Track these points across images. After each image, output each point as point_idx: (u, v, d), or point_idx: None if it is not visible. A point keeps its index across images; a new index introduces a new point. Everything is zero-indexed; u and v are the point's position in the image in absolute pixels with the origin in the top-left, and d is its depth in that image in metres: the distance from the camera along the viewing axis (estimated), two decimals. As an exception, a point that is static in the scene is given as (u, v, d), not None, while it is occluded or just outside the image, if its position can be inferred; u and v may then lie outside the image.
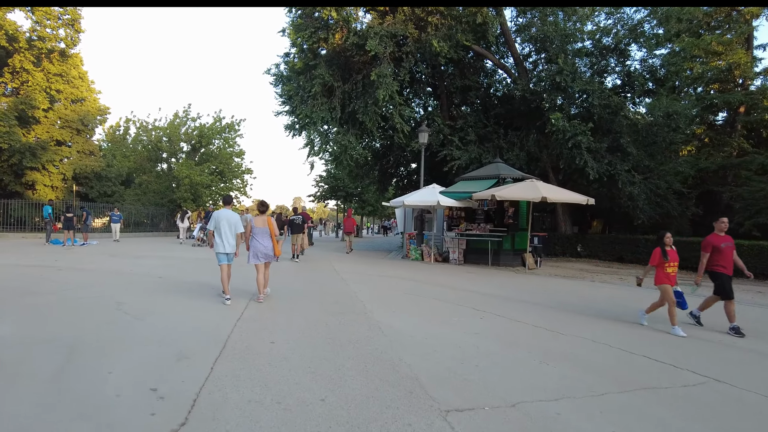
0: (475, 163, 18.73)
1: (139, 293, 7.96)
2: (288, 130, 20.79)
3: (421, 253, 16.31)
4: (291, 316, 6.51)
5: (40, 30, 25.35)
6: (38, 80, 25.88)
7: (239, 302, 7.40)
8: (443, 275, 12.17)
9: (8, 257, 13.25)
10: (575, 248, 19.85)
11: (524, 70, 20.16)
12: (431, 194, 14.84)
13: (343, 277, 10.87)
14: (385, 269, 13.30)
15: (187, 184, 32.07)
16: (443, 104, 21.47)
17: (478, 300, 8.46)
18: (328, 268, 13.08)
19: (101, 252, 15.50)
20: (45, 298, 7.27)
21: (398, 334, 5.68)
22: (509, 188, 12.95)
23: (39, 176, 27.54)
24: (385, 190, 27.05)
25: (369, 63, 18.15)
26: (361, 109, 17.31)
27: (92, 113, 30.77)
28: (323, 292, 8.69)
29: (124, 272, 10.64)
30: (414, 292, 9.10)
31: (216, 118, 36.89)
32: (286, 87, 18.44)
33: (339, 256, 18.01)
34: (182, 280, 9.76)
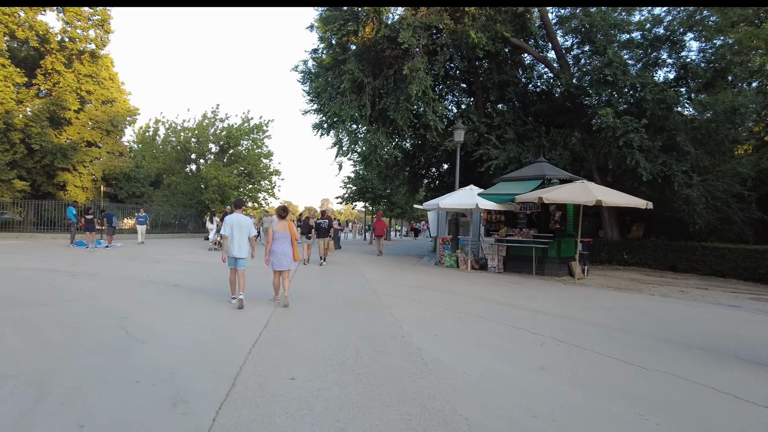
0: (514, 163, 17.51)
1: (148, 305, 7.14)
2: (316, 129, 19.96)
3: (457, 260, 15.19)
4: (315, 339, 5.54)
5: (70, 31, 25.33)
6: (69, 81, 25.88)
7: (258, 318, 6.48)
8: (484, 286, 11.03)
9: (26, 259, 12.80)
10: (622, 255, 18.36)
11: (566, 64, 18.78)
12: (468, 196, 13.71)
13: (374, 288, 9.87)
14: (418, 278, 12.24)
15: (215, 186, 31.78)
16: (478, 101, 20.28)
17: (531, 319, 7.32)
18: (357, 276, 12.11)
19: (122, 255, 14.97)
20: (40, 310, 6.52)
21: (446, 369, 4.62)
22: (558, 190, 11.72)
23: (70, 177, 27.59)
24: (416, 191, 25.95)
25: (401, 57, 17.16)
26: (392, 106, 16.32)
27: (122, 114, 30.76)
28: (352, 307, 7.70)
29: (138, 279, 9.92)
30: (454, 307, 8.01)
31: (244, 119, 36.61)
32: (314, 84, 17.58)
33: (368, 261, 17.05)
34: (198, 288, 8.94)
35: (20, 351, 4.68)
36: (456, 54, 16.39)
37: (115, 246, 18.19)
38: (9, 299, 7.27)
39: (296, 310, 7.24)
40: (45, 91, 27.05)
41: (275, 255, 7.60)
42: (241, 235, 7.61)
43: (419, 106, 17.64)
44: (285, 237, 7.68)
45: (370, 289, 9.69)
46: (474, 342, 5.81)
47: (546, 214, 13.76)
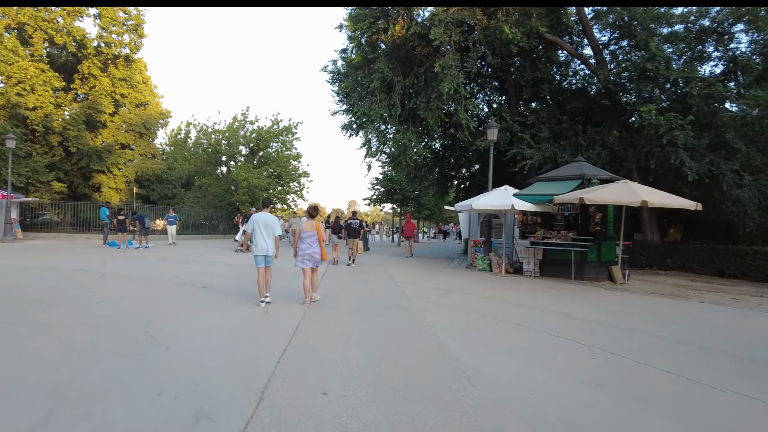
0: (549, 162, 16.87)
1: (175, 308, 6.95)
2: (345, 130, 19.76)
3: (490, 263, 14.66)
4: (348, 347, 5.21)
5: (106, 36, 25.92)
6: (104, 85, 26.45)
7: (288, 323, 6.19)
8: (521, 292, 10.51)
9: (61, 260, 12.93)
10: (663, 259, 17.45)
11: (603, 60, 18.00)
12: (503, 197, 13.17)
13: (405, 292, 9.49)
14: (450, 282, 11.80)
15: (245, 187, 32.00)
16: (511, 99, 19.67)
17: (576, 328, 6.81)
18: (387, 279, 11.75)
19: (153, 256, 15.02)
20: (67, 311, 6.39)
21: (491, 385, 4.21)
22: (599, 190, 11.09)
23: (104, 179, 28.20)
24: (445, 192, 25.46)
25: (431, 55, 16.77)
26: (422, 105, 15.93)
27: (154, 117, 31.32)
28: (384, 312, 7.34)
29: (167, 281, 9.81)
30: (492, 314, 7.56)
31: (273, 121, 36.79)
32: (343, 84, 17.36)
33: (397, 263, 16.69)
34: (227, 291, 8.74)
35: (43, 356, 4.49)
36: (489, 51, 15.88)
37: (146, 247, 18.34)
38: (39, 299, 7.21)
39: (326, 314, 6.93)
40: (82, 96, 27.76)
41: (303, 254, 7.62)
42: (267, 233, 7.60)
43: (450, 105, 17.19)
44: (312, 236, 7.68)
45: (400, 293, 9.31)
46: (517, 353, 5.37)
47: (585, 215, 13.11)
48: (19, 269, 10.73)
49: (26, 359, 4.39)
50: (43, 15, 22.93)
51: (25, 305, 6.81)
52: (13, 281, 8.98)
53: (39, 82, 22.67)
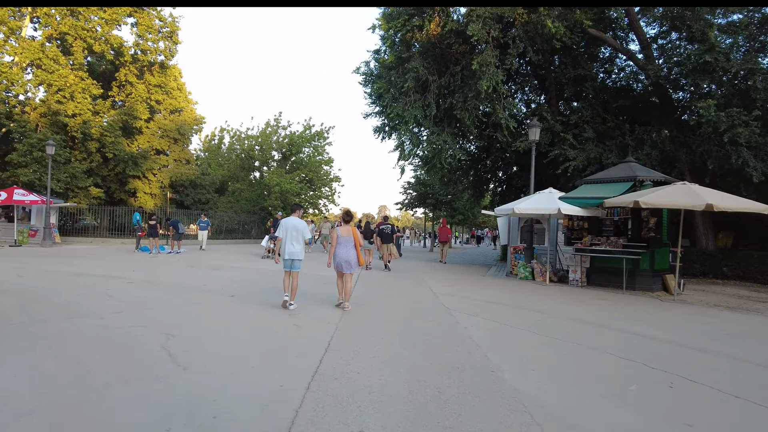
0: (594, 164, 15.91)
1: (199, 320, 6.49)
2: (377, 133, 19.25)
3: (532, 271, 13.79)
4: (385, 370, 4.58)
5: (142, 44, 26.26)
6: (140, 92, 26.81)
7: (318, 339, 5.62)
8: (570, 303, 9.65)
9: (93, 265, 12.81)
10: (719, 267, 16.15)
11: (651, 55, 16.88)
12: (548, 201, 12.31)
13: (445, 303, 8.80)
14: (492, 292, 11.02)
15: (278, 192, 31.92)
16: (552, 98, 18.73)
17: (641, 348, 5.99)
18: (423, 288, 11.08)
19: (183, 262, 14.80)
20: (88, 323, 6.00)
21: (559, 424, 3.51)
22: (656, 193, 10.14)
23: (140, 184, 28.54)
24: (481, 196, 24.57)
25: (468, 53, 16.08)
26: (459, 105, 15.24)
27: (188, 123, 31.62)
28: (423, 328, 6.67)
29: (195, 288, 9.42)
30: (545, 331, 6.79)
31: (306, 126, 36.73)
32: (377, 85, 16.81)
33: (432, 270, 16.00)
34: (255, 300, 8.26)
35: (49, 376, 4.05)
36: (529, 47, 15.06)
37: (178, 252, 18.23)
38: (64, 307, 6.89)
39: (360, 328, 6.33)
40: (120, 103, 28.23)
41: (339, 259, 7.73)
42: (296, 237, 7.67)
43: (487, 105, 16.42)
44: (349, 241, 7.78)
45: (440, 305, 8.63)
46: (582, 380, 4.62)
47: (637, 220, 12.11)
48: (53, 274, 10.59)
49: (32, 379, 3.95)
50: (82, 24, 23.39)
51: (49, 313, 6.49)
52: (45, 287, 8.77)
53: (78, 90, 23.10)
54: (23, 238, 20.76)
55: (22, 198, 19.53)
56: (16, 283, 9.04)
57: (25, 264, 12.68)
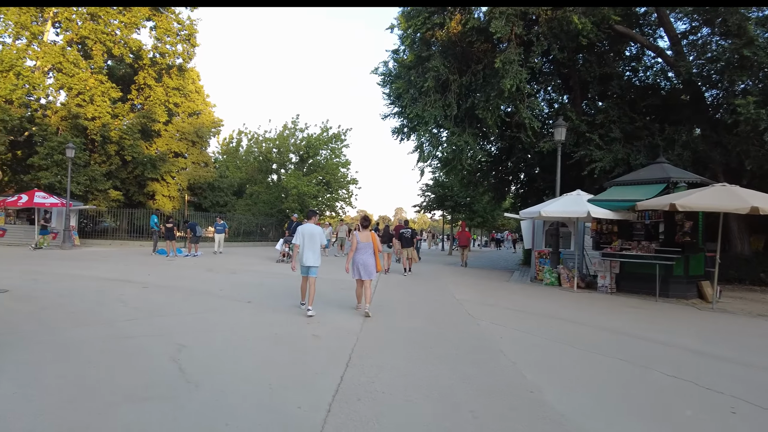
0: (622, 165, 15.31)
1: (214, 329, 6.16)
2: (396, 134, 18.87)
3: (558, 277, 13.25)
4: (412, 390, 4.18)
5: (160, 47, 26.34)
6: (158, 95, 26.89)
7: (339, 351, 5.25)
8: (603, 312, 9.12)
9: (108, 268, 12.66)
10: (756, 273, 15.38)
11: (681, 52, 16.19)
12: (576, 203, 11.78)
13: (469, 311, 8.36)
14: (517, 299, 10.54)
15: (295, 195, 31.79)
16: (576, 98, 18.14)
17: (689, 364, 5.48)
18: (445, 294, 10.64)
19: (200, 265, 14.59)
20: (98, 332, 5.73)
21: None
22: (695, 195, 9.55)
23: (158, 186, 28.63)
24: (502, 199, 23.98)
25: (490, 51, 15.62)
26: (480, 104, 14.79)
27: (207, 126, 31.69)
28: (450, 340, 6.24)
29: (210, 293, 9.14)
30: (580, 342, 6.31)
31: (323, 128, 36.56)
32: (395, 85, 16.41)
33: (452, 274, 15.55)
34: (273, 306, 7.93)
35: (50, 393, 3.74)
36: (554, 44, 14.54)
37: (195, 255, 18.08)
38: (76, 314, 6.65)
39: (383, 340, 5.95)
40: (139, 106, 28.37)
41: (357, 265, 7.65)
42: (312, 244, 7.50)
43: (508, 104, 15.93)
44: (368, 247, 7.72)
45: (464, 313, 8.19)
46: (631, 403, 4.16)
47: (670, 224, 11.49)
48: (69, 278, 10.43)
49: (31, 397, 3.64)
50: (102, 28, 23.53)
51: (60, 321, 6.25)
52: (60, 291, 8.57)
53: (98, 93, 23.21)
54: (44, 240, 20.89)
55: (43, 201, 19.64)
56: (32, 288, 8.87)
57: (43, 267, 12.60)
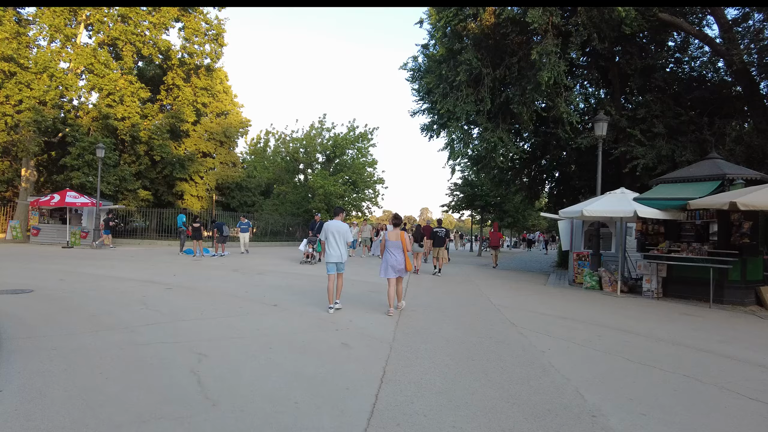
0: (666, 162, 14.43)
1: (237, 336, 5.75)
2: (424, 131, 18.30)
3: (599, 280, 12.46)
4: (457, 411, 3.65)
5: (189, 47, 26.43)
6: (186, 95, 27.01)
7: (371, 364, 4.75)
8: (654, 320, 8.37)
9: (134, 268, 12.52)
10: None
11: (733, 39, 15.12)
12: (622, 202, 10.99)
13: (510, 319, 7.75)
14: (560, 305, 9.85)
15: (322, 195, 31.58)
16: (615, 92, 17.23)
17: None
18: (480, 298, 10.04)
19: (226, 266, 14.34)
20: (112, 337, 5.39)
21: None
22: (758, 192, 8.70)
23: (187, 186, 28.79)
24: (536, 198, 23.10)
25: (525, 43, 14.91)
26: (516, 98, 14.10)
27: (234, 126, 31.76)
28: (493, 350, 5.67)
29: (236, 295, 8.79)
30: (638, 356, 5.65)
31: (350, 128, 36.26)
32: (425, 80, 15.78)
33: (485, 276, 14.91)
34: (300, 312, 7.49)
35: (54, 411, 3.36)
36: (594, 34, 13.72)
37: (222, 255, 17.91)
38: (92, 317, 6.36)
39: (419, 351, 5.41)
40: (168, 106, 28.61)
41: (387, 264, 7.62)
42: (339, 241, 7.58)
43: (545, 99, 15.18)
44: (397, 246, 7.66)
45: (504, 320, 7.59)
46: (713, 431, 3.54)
47: (725, 224, 10.59)
48: (94, 279, 10.28)
49: (32, 415, 3.27)
50: (132, 29, 23.73)
51: (77, 325, 5.96)
52: (83, 292, 8.38)
53: (127, 94, 23.42)
54: (75, 239, 21.13)
55: (74, 200, 19.84)
56: (55, 288, 8.70)
57: (71, 266, 12.56)
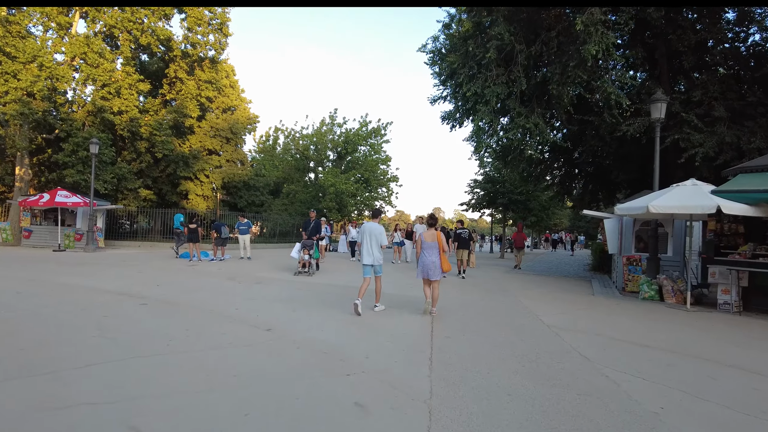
0: (729, 150, 12.50)
1: (201, 391, 3.93)
2: (446, 121, 16.42)
3: (659, 290, 10.49)
4: None
5: (191, 36, 24.83)
6: (190, 88, 25.43)
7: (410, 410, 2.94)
8: (746, 345, 6.43)
9: (115, 275, 10.81)
10: None
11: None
12: (696, 196, 8.97)
13: (576, 348, 5.85)
14: (622, 323, 7.93)
15: (332, 193, 29.91)
16: (662, 73, 15.17)
17: None
18: (527, 315, 8.13)
19: (222, 272, 12.59)
20: (14, 396, 3.63)
21: None
22: None
23: (192, 186, 27.29)
24: (568, 194, 21.02)
25: (561, 17, 13.00)
26: (555, 78, 12.17)
27: (241, 122, 30.17)
28: (584, 413, 3.77)
29: (223, 314, 7.02)
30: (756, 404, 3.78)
31: (362, 123, 34.57)
32: (448, 59, 13.76)
33: (518, 282, 12.99)
34: (300, 341, 5.67)
35: None
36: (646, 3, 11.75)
37: (221, 259, 16.21)
38: (15, 354, 4.63)
39: (472, 420, 3.58)
40: (172, 102, 27.06)
41: (423, 265, 7.50)
42: (371, 242, 7.50)
43: (588, 79, 13.24)
44: (433, 247, 7.52)
45: (571, 351, 5.67)
46: None
47: (826, 223, 8.60)
48: (61, 290, 8.64)
49: None
50: (128, 16, 22.18)
51: (8, 359, 4.27)
52: (35, 310, 6.73)
53: (125, 86, 21.87)
54: (69, 242, 19.66)
55: (65, 200, 18.32)
56: (5, 304, 7.03)
57: (46, 274, 10.95)
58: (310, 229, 13.09)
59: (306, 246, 12.73)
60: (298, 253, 12.91)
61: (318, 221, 13.72)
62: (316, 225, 13.28)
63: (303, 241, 12.94)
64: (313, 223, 13.35)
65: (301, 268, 12.65)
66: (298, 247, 13.00)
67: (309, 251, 12.66)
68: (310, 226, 13.20)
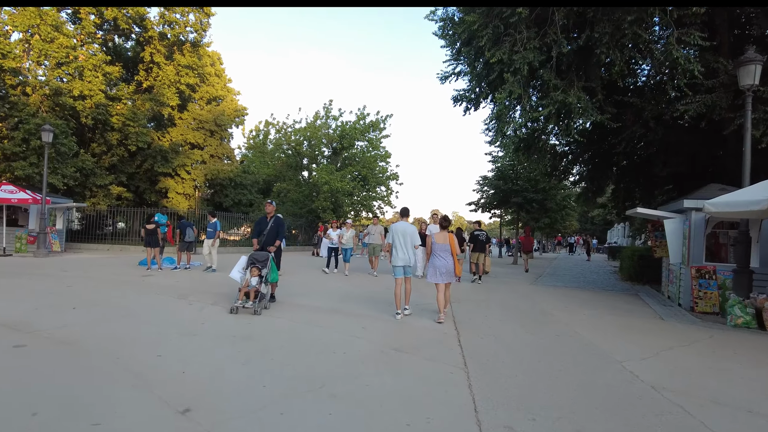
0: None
1: None
2: (459, 102, 13.74)
3: (758, 314, 7.84)
4: None
5: (168, 15, 22.14)
6: (168, 74, 22.76)
7: None
8: None
9: (26, 293, 8.03)
10: None
11: None
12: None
13: (687, 409, 3.25)
14: (738, 372, 5.25)
15: (327, 192, 27.30)
16: (723, 43, 12.54)
17: None
18: (591, 355, 5.48)
19: (175, 288, 9.73)
20: None
21: None
22: None
23: (172, 183, 24.65)
24: (600, 192, 18.22)
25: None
26: (605, 39, 9.54)
27: (228, 114, 27.49)
28: None
29: (131, 369, 4.30)
30: None
31: (359, 116, 31.99)
32: (467, 18, 10.95)
33: (551, 297, 10.35)
34: None
35: None
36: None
37: (187, 267, 13.47)
38: None
39: None
40: (150, 89, 24.36)
41: (435, 268, 7.11)
42: (406, 243, 7.23)
43: (645, 44, 10.63)
44: (445, 249, 7.14)
45: (635, 379, 3.05)
46: None
47: None
48: None
49: None
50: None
51: None
52: None
53: (88, 66, 19.14)
54: (21, 245, 16.95)
55: (9, 196, 15.59)
56: None
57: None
58: (266, 233, 8.14)
59: (257, 262, 7.59)
60: (240, 274, 7.66)
61: (279, 220, 8.50)
62: (275, 227, 8.26)
63: (252, 254, 7.78)
64: (271, 222, 8.26)
65: (242, 298, 7.25)
66: (243, 261, 7.77)
67: (260, 271, 7.50)
68: (267, 228, 8.20)
